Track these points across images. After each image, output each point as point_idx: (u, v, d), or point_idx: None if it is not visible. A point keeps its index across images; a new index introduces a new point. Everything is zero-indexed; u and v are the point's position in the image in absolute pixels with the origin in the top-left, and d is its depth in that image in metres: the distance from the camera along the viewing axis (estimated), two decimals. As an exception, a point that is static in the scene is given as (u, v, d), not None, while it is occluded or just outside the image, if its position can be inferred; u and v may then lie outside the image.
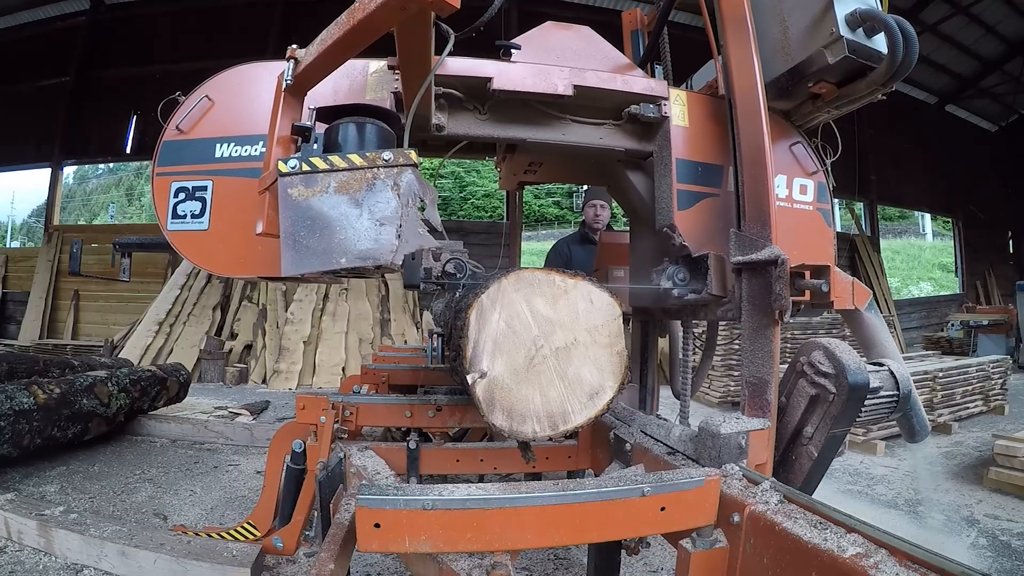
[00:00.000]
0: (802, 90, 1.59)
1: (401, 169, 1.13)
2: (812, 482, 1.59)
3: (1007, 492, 3.55)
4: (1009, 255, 16.66)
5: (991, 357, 6.34)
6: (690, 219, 1.63)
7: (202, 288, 8.55)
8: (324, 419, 1.86)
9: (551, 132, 1.66)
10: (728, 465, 1.30)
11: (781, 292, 1.39)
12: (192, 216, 1.50)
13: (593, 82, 1.57)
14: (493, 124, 1.63)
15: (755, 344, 1.49)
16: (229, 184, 1.50)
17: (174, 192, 1.52)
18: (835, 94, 1.56)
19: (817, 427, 1.54)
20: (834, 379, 1.50)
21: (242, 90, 1.58)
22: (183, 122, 1.54)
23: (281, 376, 7.32)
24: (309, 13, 10.58)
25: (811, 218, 1.74)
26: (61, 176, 11.01)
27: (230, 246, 1.49)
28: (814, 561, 0.93)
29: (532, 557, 2.53)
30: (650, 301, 1.99)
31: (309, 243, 1.09)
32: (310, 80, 1.27)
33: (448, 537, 1.03)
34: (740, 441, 1.35)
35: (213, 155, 1.52)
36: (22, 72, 10.73)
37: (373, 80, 1.57)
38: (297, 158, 1.14)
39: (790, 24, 1.54)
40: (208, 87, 1.59)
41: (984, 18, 12.00)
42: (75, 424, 3.50)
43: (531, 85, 1.53)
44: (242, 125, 1.54)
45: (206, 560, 2.10)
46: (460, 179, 21.09)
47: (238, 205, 1.48)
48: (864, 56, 1.41)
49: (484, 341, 1.40)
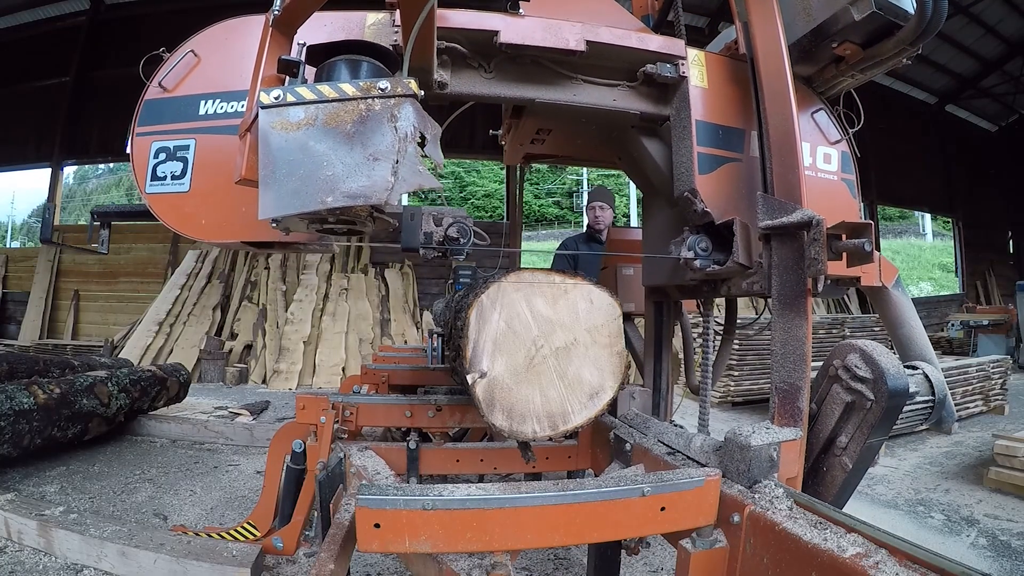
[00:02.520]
0: (825, 52, 1.50)
1: (400, 100, 1.01)
2: (844, 496, 1.49)
3: (1007, 492, 3.55)
4: (1009, 255, 16.66)
5: (991, 357, 6.34)
6: (712, 184, 1.52)
7: (202, 288, 8.55)
8: (324, 419, 1.86)
9: (562, 92, 1.54)
10: (766, 483, 1.16)
11: (817, 256, 1.28)
12: (172, 177, 1.39)
13: (607, 38, 1.47)
14: (500, 83, 1.51)
15: (786, 330, 1.37)
16: (213, 142, 1.39)
17: (154, 153, 1.41)
18: (860, 55, 1.46)
19: (852, 436, 1.44)
20: (872, 384, 1.40)
21: (230, 45, 1.46)
22: (166, 79, 1.44)
23: (281, 376, 7.32)
24: (309, 13, 10.61)
25: (837, 188, 1.65)
26: (61, 176, 11.01)
27: (212, 209, 1.38)
28: (814, 561, 0.93)
29: (532, 557, 2.53)
30: (666, 278, 1.87)
31: (290, 183, 0.95)
32: (299, 12, 1.15)
33: (448, 537, 1.03)
34: (772, 453, 1.24)
35: (197, 112, 1.41)
36: (22, 72, 10.73)
37: (371, 33, 1.47)
38: (281, 89, 1.03)
39: None
40: (194, 42, 1.49)
41: (984, 18, 12.00)
42: (75, 424, 3.50)
43: (541, 40, 1.42)
44: (229, 80, 1.42)
45: (206, 560, 2.10)
46: (460, 179, 21.10)
47: (222, 165, 1.36)
48: (891, 13, 1.32)
49: (484, 341, 1.40)
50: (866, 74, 1.57)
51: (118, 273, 9.74)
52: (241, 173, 1.06)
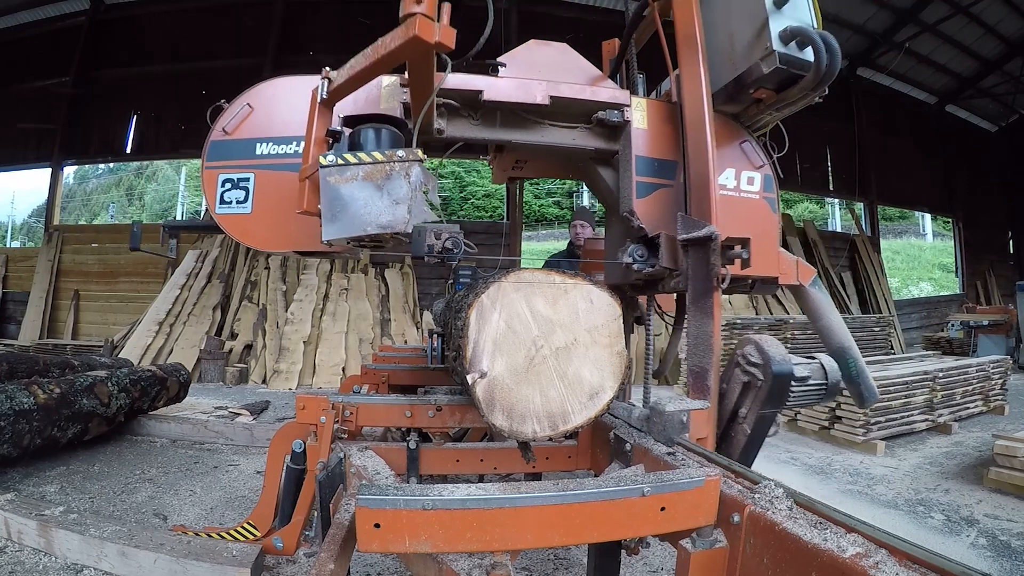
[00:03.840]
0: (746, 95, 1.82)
1: (411, 163, 1.46)
2: (748, 455, 1.81)
3: (1007, 492, 3.55)
4: (1009, 255, 16.67)
5: (991, 357, 6.34)
6: (647, 206, 1.91)
7: (202, 288, 8.55)
8: (324, 419, 1.86)
9: (532, 135, 1.93)
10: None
11: (715, 261, 1.68)
12: (237, 202, 1.81)
13: (566, 93, 1.85)
14: (484, 128, 1.90)
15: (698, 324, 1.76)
16: (268, 176, 1.81)
17: (221, 183, 1.81)
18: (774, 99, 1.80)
19: (750, 408, 1.78)
20: (761, 368, 1.73)
21: (277, 98, 1.88)
22: (228, 125, 1.85)
23: (281, 376, 7.33)
24: (309, 13, 10.61)
25: (757, 205, 1.99)
26: (61, 176, 11.01)
27: (269, 226, 1.81)
28: (814, 561, 0.93)
29: (532, 557, 2.53)
30: (620, 278, 2.23)
31: (344, 217, 1.44)
32: (340, 96, 1.56)
33: (448, 537, 1.03)
34: (682, 418, 1.56)
35: (254, 152, 1.82)
36: (22, 72, 10.73)
37: (386, 92, 1.85)
38: (333, 154, 1.47)
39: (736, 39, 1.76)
40: (248, 96, 1.88)
41: (984, 18, 12.00)
42: (75, 424, 3.50)
43: (514, 96, 1.81)
44: (278, 128, 1.84)
45: (206, 560, 2.10)
46: (460, 179, 21.09)
47: (277, 193, 1.79)
48: (795, 66, 1.64)
49: (484, 341, 1.40)
50: (782, 112, 1.90)
51: (118, 273, 9.74)
52: (303, 207, 1.49)
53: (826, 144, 12.92)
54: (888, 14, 11.85)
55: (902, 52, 12.37)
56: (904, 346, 11.34)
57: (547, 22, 10.60)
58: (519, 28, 10.26)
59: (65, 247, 9.99)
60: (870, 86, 13.44)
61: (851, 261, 12.38)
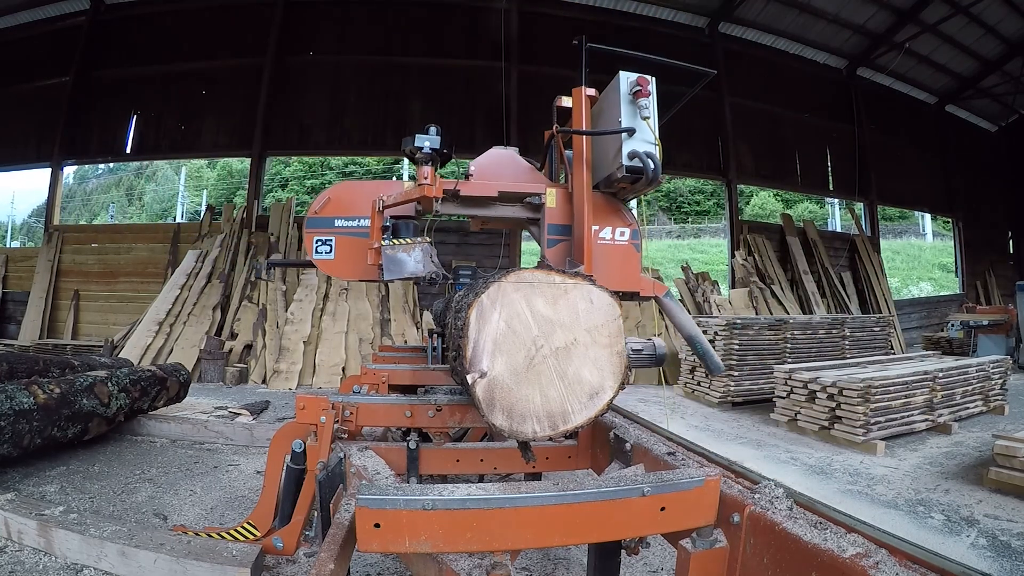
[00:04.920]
0: (615, 185, 2.64)
1: (424, 243, 2.48)
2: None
3: (1007, 492, 3.55)
4: (1009, 255, 16.65)
5: (991, 357, 6.35)
6: (553, 253, 2.74)
7: (202, 288, 8.55)
8: (324, 419, 1.86)
9: (490, 210, 2.85)
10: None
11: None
12: (325, 253, 2.81)
13: (509, 187, 2.77)
14: (462, 207, 2.81)
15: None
16: (343, 239, 2.81)
17: (315, 241, 2.80)
18: (630, 188, 2.65)
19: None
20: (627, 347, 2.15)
21: (348, 193, 2.84)
22: (316, 208, 2.82)
23: (281, 376, 7.33)
24: (309, 13, 10.60)
25: (625, 250, 2.77)
26: (61, 176, 10.99)
27: (344, 266, 2.82)
28: (814, 561, 0.93)
29: (532, 557, 2.53)
30: None
31: (393, 268, 2.42)
32: (389, 208, 2.53)
33: (448, 537, 1.03)
34: None
35: (334, 225, 2.80)
36: (22, 72, 10.72)
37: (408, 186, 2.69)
38: (386, 239, 2.49)
39: (608, 153, 2.60)
40: (329, 192, 2.84)
41: (984, 18, 11.99)
42: (75, 424, 3.50)
43: (479, 191, 2.73)
44: (349, 211, 2.81)
45: (206, 560, 2.10)
46: (460, 179, 21.10)
47: (348, 249, 2.79)
48: (636, 173, 2.48)
49: (484, 341, 1.40)
50: (639, 195, 2.83)
51: (118, 273, 9.73)
52: (369, 262, 2.51)
53: (826, 144, 12.91)
54: (888, 14, 11.84)
55: (902, 52, 12.37)
56: (904, 346, 11.34)
57: (547, 22, 10.58)
58: (519, 28, 10.26)
59: (65, 247, 9.98)
60: (870, 86, 13.44)
61: (851, 261, 12.38)
